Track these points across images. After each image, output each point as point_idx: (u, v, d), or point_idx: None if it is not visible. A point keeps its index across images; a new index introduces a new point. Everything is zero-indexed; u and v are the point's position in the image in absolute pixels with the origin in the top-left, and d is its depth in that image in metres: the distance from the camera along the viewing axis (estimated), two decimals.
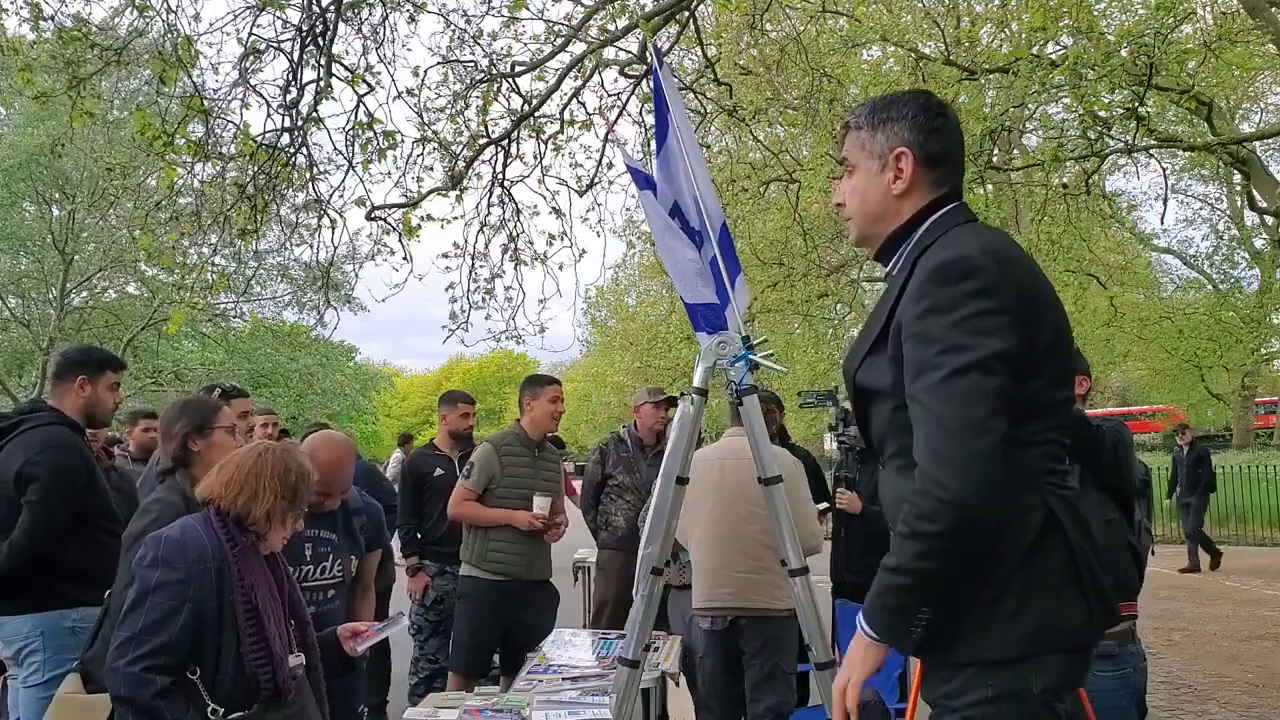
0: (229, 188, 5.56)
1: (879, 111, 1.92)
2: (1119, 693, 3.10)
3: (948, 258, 1.73)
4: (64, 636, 3.28)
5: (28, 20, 4.85)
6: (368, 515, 3.68)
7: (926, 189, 1.88)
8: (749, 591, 3.93)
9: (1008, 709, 1.66)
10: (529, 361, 48.36)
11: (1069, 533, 1.71)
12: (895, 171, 1.88)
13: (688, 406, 3.10)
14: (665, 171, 3.38)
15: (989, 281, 1.68)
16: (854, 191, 1.94)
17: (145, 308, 21.70)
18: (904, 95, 1.96)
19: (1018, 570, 1.68)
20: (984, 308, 1.66)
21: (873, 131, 1.91)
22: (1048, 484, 1.73)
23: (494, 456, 4.68)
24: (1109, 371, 26.11)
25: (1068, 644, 1.69)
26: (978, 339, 1.64)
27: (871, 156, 1.91)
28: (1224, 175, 21.74)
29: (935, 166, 1.88)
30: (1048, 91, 7.45)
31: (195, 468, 2.96)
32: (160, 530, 2.52)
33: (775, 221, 10.68)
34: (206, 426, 3.01)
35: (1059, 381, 1.78)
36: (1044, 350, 1.72)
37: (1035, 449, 1.72)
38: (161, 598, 2.37)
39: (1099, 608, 1.72)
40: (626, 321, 23.84)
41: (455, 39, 6.27)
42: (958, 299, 1.67)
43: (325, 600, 3.36)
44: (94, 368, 3.59)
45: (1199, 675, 6.83)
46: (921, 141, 1.87)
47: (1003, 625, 1.66)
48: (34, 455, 3.32)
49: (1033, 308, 1.72)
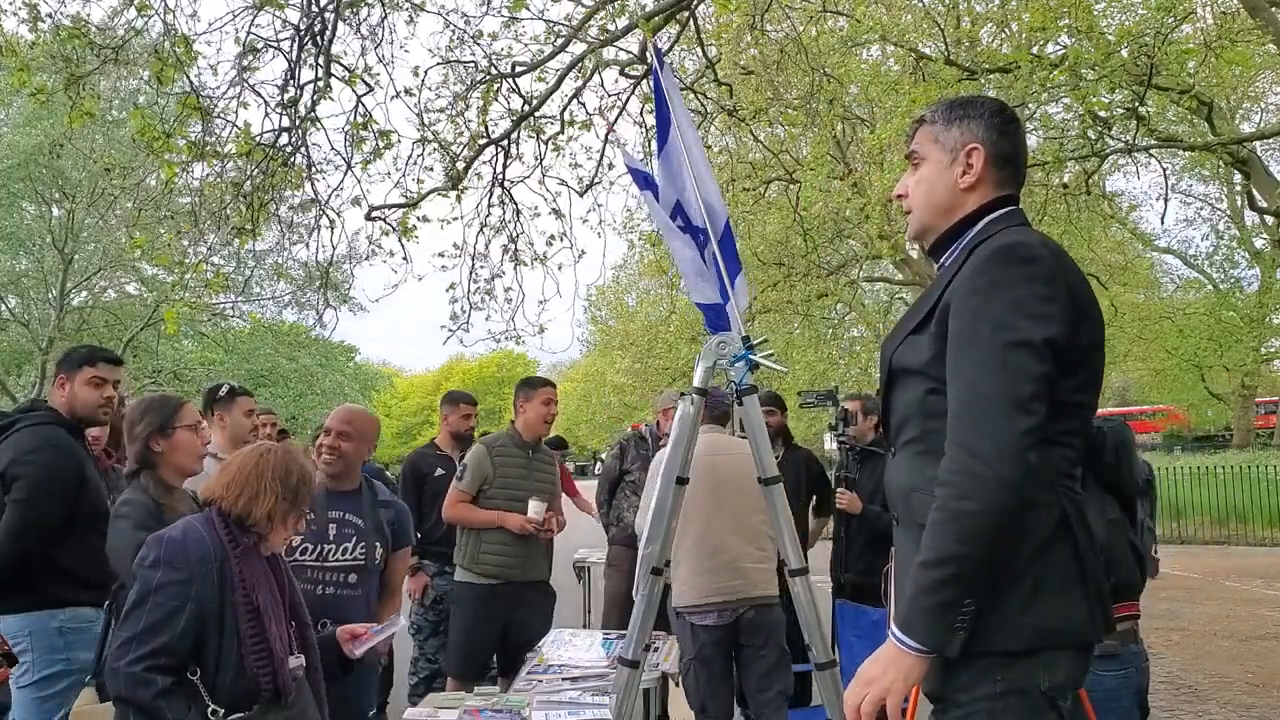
0: (227, 187, 5.56)
1: (956, 108, 1.95)
2: (1121, 692, 3.09)
3: (1007, 242, 1.77)
4: (52, 637, 3.24)
5: (25, 21, 4.85)
6: (395, 511, 3.65)
7: (991, 187, 1.91)
8: (758, 580, 4.00)
9: (1015, 704, 1.68)
10: (529, 362, 48.44)
11: (1077, 535, 1.72)
12: (965, 165, 1.91)
13: (688, 406, 3.09)
14: (667, 172, 3.38)
15: (1048, 270, 1.71)
16: (920, 182, 1.97)
17: (145, 308, 21.68)
18: (981, 98, 2.00)
19: (1029, 566, 1.69)
20: (1040, 293, 1.68)
21: (947, 126, 1.94)
22: (1065, 487, 1.75)
23: (486, 458, 4.68)
24: (1109, 371, 25.99)
25: (1073, 642, 1.71)
26: (1031, 322, 1.66)
27: (943, 149, 1.94)
28: (1224, 175, 21.75)
29: (1003, 167, 1.92)
30: (1048, 91, 7.45)
31: (160, 468, 2.95)
32: (162, 530, 2.51)
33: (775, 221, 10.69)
34: (168, 426, 2.98)
35: (1088, 386, 1.79)
36: (1082, 351, 1.74)
37: (1057, 449, 1.73)
38: (163, 598, 2.36)
39: (1099, 610, 1.74)
40: (626, 321, 23.84)
41: (455, 39, 6.27)
42: (1016, 280, 1.70)
43: (344, 584, 3.33)
44: (72, 364, 3.50)
45: (1199, 675, 6.83)
46: (995, 140, 1.91)
47: (1014, 617, 1.67)
48: (22, 455, 3.28)
49: (1080, 306, 1.74)
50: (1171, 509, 16.29)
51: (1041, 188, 9.57)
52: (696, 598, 4.03)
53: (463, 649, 4.66)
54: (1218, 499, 16.37)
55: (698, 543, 4.03)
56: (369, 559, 3.42)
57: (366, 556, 3.42)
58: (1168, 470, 17.49)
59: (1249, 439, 26.17)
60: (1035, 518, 1.68)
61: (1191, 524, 16.34)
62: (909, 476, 1.86)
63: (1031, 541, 1.69)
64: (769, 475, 3.11)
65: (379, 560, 3.47)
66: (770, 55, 7.47)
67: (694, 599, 4.03)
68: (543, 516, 4.57)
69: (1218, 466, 17.10)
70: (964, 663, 1.70)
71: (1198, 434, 31.68)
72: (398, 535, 3.60)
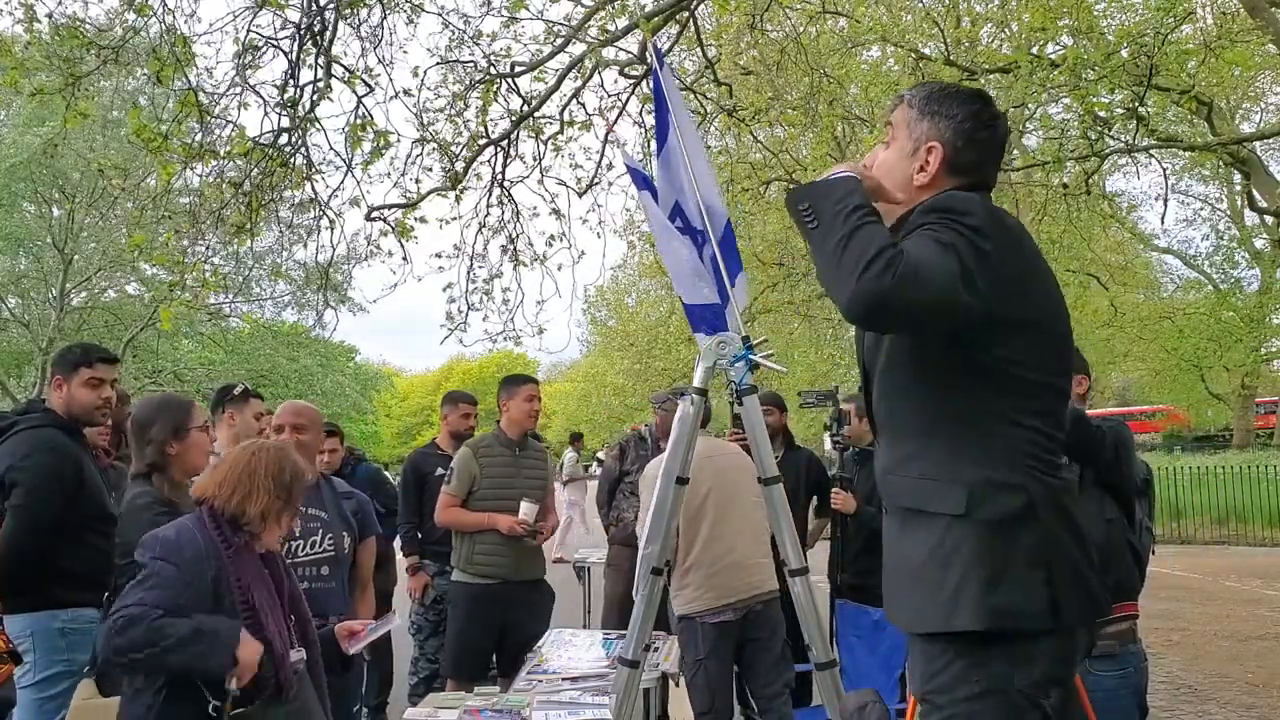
0: (226, 186, 5.55)
1: (934, 100, 1.94)
2: (1120, 692, 3.10)
3: (949, 196, 1.80)
4: (54, 638, 3.25)
5: (21, 21, 4.84)
6: (358, 501, 3.70)
7: (946, 186, 1.90)
8: (766, 577, 4.04)
9: (993, 705, 1.69)
10: (529, 362, 48.35)
11: (1043, 519, 1.72)
12: (923, 162, 1.90)
13: (688, 406, 3.10)
14: (666, 172, 3.38)
15: (983, 224, 1.73)
16: (882, 164, 1.97)
17: (145, 308, 21.67)
18: (965, 94, 1.98)
19: (990, 541, 1.71)
20: (976, 244, 1.70)
21: (920, 115, 1.93)
22: (1031, 468, 1.74)
23: (472, 459, 4.68)
24: (1109, 371, 26.13)
25: (1036, 627, 1.70)
26: (960, 248, 1.69)
27: (909, 138, 1.94)
28: (1224, 175, 21.73)
29: (961, 173, 1.91)
30: (1048, 91, 7.45)
31: (171, 469, 2.96)
32: (156, 530, 2.51)
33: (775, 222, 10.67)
34: (183, 429, 2.99)
35: (1048, 366, 1.80)
36: (1019, 324, 1.75)
37: (1020, 430, 1.75)
38: (161, 583, 2.37)
39: (1072, 597, 1.72)
40: (626, 322, 23.84)
41: (454, 39, 6.27)
42: (951, 223, 1.72)
43: (319, 577, 3.36)
44: (68, 365, 3.49)
45: (1199, 675, 6.83)
46: (958, 147, 1.90)
47: (974, 598, 1.69)
48: (18, 460, 3.27)
49: (1018, 277, 1.76)
50: (1171, 509, 16.28)
51: (1041, 188, 9.57)
52: (713, 601, 4.00)
53: (459, 649, 4.67)
54: (1218, 499, 16.36)
55: (707, 547, 4.02)
56: (338, 549, 3.46)
57: (336, 547, 3.45)
58: (1168, 470, 17.48)
59: (1249, 439, 26.14)
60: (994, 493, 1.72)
61: (1191, 524, 16.32)
62: (883, 459, 1.90)
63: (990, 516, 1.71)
64: (769, 475, 3.11)
65: (348, 550, 3.51)
66: (770, 56, 7.46)
67: (709, 603, 4.01)
68: (534, 517, 4.56)
69: (1218, 466, 17.10)
70: (944, 661, 1.72)
71: (1198, 434, 31.65)
72: (363, 525, 3.64)
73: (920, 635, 1.80)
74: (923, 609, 1.76)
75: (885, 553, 1.92)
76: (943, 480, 1.75)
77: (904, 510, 1.83)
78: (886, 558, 1.91)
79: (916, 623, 1.79)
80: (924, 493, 1.78)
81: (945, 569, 1.72)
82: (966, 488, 1.73)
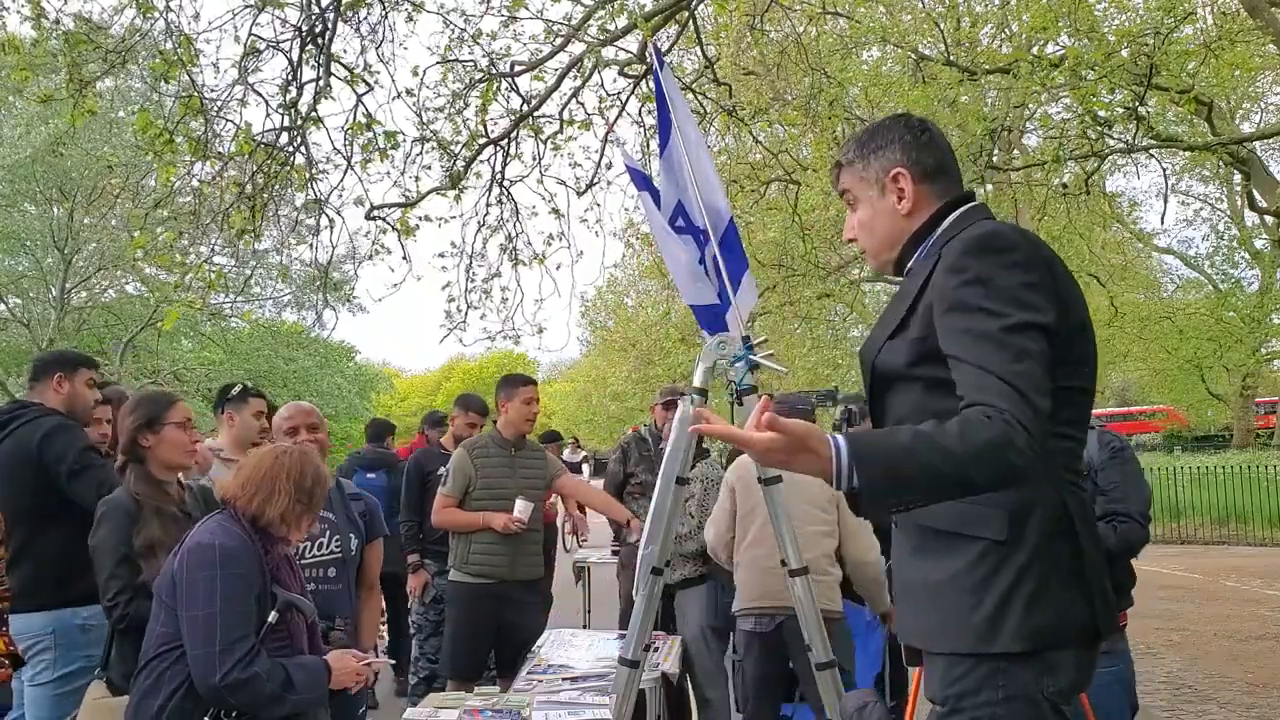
0: (228, 187, 5.56)
1: (866, 143, 1.94)
2: (1113, 687, 3.12)
3: (983, 232, 1.74)
4: (75, 634, 3.28)
5: (29, 19, 4.84)
6: (365, 503, 3.70)
7: (933, 199, 1.89)
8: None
9: (1018, 710, 1.66)
10: (529, 362, 48.33)
11: (1079, 532, 1.69)
12: (897, 193, 1.89)
13: (687, 407, 3.10)
14: (668, 172, 3.38)
15: (1027, 256, 1.68)
16: (862, 226, 1.96)
17: (145, 308, 21.68)
18: (885, 122, 1.98)
19: (1031, 562, 1.66)
20: (1025, 280, 1.66)
21: (865, 162, 1.93)
22: (1067, 481, 1.72)
23: (467, 460, 4.68)
24: (1109, 371, 26.13)
25: (1074, 643, 1.68)
26: (1023, 310, 1.63)
27: (870, 185, 1.92)
28: (1224, 175, 21.73)
29: (933, 179, 1.90)
30: (1048, 91, 7.45)
31: (148, 463, 2.95)
32: (197, 539, 2.49)
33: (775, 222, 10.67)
34: (157, 422, 2.97)
35: (1081, 372, 1.76)
36: (1068, 335, 1.71)
37: (1059, 441, 1.69)
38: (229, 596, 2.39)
39: (1104, 610, 1.71)
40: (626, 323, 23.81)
41: (454, 38, 6.27)
42: (997, 269, 1.67)
43: (325, 579, 3.36)
44: (69, 365, 3.59)
45: (1199, 675, 6.83)
46: (916, 157, 1.89)
47: (1016, 619, 1.65)
48: (53, 435, 3.34)
49: (1061, 288, 1.72)
50: (1171, 509, 16.28)
51: (1041, 188, 9.57)
52: (743, 602, 4.03)
53: (456, 649, 4.67)
54: (1218, 499, 16.36)
55: (749, 546, 4.02)
56: (345, 551, 3.46)
57: (343, 549, 3.45)
58: (1168, 470, 17.49)
59: (1249, 439, 26.14)
60: (1036, 509, 1.66)
61: (1191, 524, 16.32)
62: None
63: (1032, 533, 1.66)
64: (768, 475, 3.12)
65: (355, 552, 3.51)
66: (770, 56, 7.46)
67: (740, 604, 4.05)
68: (528, 516, 4.56)
69: (1218, 467, 17.10)
70: (964, 664, 1.69)
71: (1198, 434, 31.63)
72: (370, 527, 3.64)
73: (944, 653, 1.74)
74: (950, 628, 1.70)
75: (897, 569, 1.87)
76: (982, 504, 1.66)
77: (931, 530, 1.76)
78: (899, 574, 1.86)
79: (941, 642, 1.73)
80: (963, 517, 1.70)
81: (981, 591, 1.67)
82: (1008, 511, 1.67)
